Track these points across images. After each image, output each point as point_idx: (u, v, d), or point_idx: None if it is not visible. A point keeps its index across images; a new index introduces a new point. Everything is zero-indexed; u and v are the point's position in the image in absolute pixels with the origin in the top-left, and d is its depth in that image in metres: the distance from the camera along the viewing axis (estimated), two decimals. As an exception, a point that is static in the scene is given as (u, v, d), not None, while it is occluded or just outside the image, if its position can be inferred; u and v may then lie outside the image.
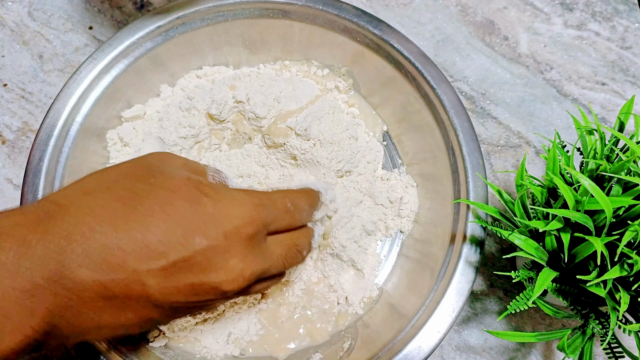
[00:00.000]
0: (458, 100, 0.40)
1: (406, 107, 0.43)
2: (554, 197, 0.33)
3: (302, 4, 0.43)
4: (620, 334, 0.34)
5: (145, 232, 0.24)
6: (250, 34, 0.45)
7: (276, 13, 0.44)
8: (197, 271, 0.25)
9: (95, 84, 0.40)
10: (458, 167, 0.38)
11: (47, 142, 0.38)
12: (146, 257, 0.24)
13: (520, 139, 0.48)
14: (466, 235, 0.36)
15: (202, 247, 0.25)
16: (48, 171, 0.37)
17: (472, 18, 0.53)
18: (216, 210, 0.27)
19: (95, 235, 0.24)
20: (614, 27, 0.52)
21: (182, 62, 0.45)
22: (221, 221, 0.27)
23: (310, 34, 0.45)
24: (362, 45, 0.43)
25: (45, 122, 0.38)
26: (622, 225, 0.29)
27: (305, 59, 0.47)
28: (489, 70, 0.50)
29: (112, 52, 0.41)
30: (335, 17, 0.43)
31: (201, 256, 0.25)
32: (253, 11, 0.44)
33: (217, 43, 0.45)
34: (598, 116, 0.49)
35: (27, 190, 0.36)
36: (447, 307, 0.34)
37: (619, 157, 0.32)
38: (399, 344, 0.34)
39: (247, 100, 0.42)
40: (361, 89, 0.47)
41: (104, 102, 0.41)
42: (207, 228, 0.26)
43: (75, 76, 0.40)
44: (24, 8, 0.52)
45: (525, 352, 0.40)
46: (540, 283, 0.29)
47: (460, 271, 0.35)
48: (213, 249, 0.26)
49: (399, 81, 0.43)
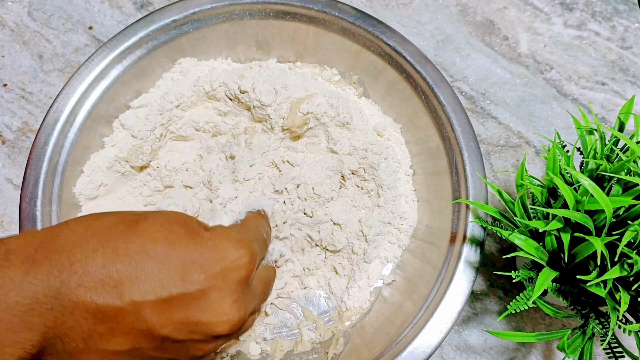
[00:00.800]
0: (457, 100, 0.40)
1: (409, 109, 0.43)
2: (554, 197, 0.33)
3: (318, 9, 0.43)
4: (620, 334, 0.34)
5: (145, 259, 0.25)
6: (264, 34, 0.46)
7: (292, 16, 0.44)
8: (194, 308, 0.25)
9: (106, 73, 0.41)
10: (458, 167, 0.38)
11: (47, 142, 0.38)
12: (144, 286, 0.24)
13: (520, 139, 0.48)
14: (466, 235, 0.36)
15: (200, 282, 0.25)
16: (48, 171, 0.37)
17: (472, 18, 0.53)
18: (215, 246, 0.27)
19: (97, 255, 0.24)
20: (614, 27, 0.52)
21: (196, 57, 0.46)
22: (219, 258, 0.26)
23: (323, 39, 0.45)
24: (375, 55, 0.43)
25: (46, 120, 0.38)
26: (622, 225, 0.29)
27: (318, 63, 0.47)
28: (489, 70, 0.50)
29: (122, 45, 0.41)
30: (351, 25, 0.43)
31: (199, 292, 0.25)
32: (268, 12, 0.44)
33: (232, 41, 0.46)
34: (598, 116, 0.49)
35: (26, 189, 0.36)
36: (448, 307, 0.34)
37: (619, 157, 0.32)
38: (401, 344, 0.34)
39: (252, 89, 0.41)
40: (370, 96, 0.47)
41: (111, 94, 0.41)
42: (207, 264, 0.26)
43: (88, 63, 0.40)
44: (24, 8, 0.52)
45: (525, 352, 0.40)
46: (540, 283, 0.29)
47: (460, 271, 0.35)
48: (211, 288, 0.26)
49: (401, 84, 0.43)
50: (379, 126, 0.44)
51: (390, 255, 0.41)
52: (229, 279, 0.26)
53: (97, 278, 0.24)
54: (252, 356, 0.38)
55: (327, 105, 0.41)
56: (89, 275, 0.24)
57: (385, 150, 0.42)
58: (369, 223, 0.40)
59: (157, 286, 0.24)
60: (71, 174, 0.39)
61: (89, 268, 0.24)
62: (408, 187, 0.43)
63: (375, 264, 0.41)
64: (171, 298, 0.25)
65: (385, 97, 0.45)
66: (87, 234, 0.25)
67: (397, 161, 0.43)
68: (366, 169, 0.41)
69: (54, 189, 0.37)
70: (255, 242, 0.29)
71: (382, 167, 0.41)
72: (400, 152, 0.44)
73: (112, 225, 0.26)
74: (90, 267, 0.24)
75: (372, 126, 0.44)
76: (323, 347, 0.38)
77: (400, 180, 0.43)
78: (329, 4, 0.43)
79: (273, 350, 0.38)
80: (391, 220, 0.41)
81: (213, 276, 0.26)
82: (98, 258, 0.24)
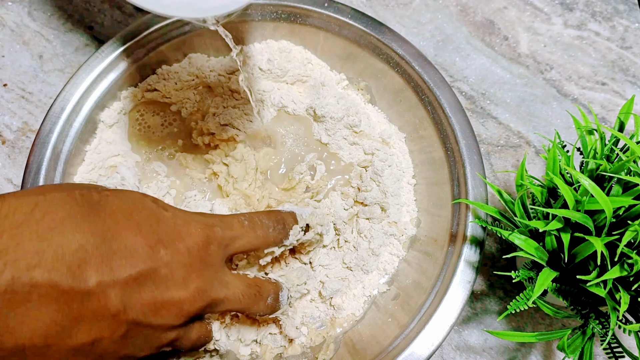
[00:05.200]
0: (457, 101, 0.40)
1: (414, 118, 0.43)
2: (554, 197, 0.33)
3: (328, 13, 0.43)
4: (620, 334, 0.34)
5: (110, 238, 0.23)
6: (274, 36, 0.46)
7: (303, 19, 0.44)
8: (161, 285, 0.24)
9: (106, 74, 0.41)
10: (458, 167, 0.38)
11: (46, 141, 0.38)
12: (111, 265, 0.22)
13: (520, 139, 0.48)
14: (466, 235, 0.36)
15: (166, 259, 0.25)
16: (48, 170, 0.37)
17: (472, 18, 0.53)
18: (176, 226, 0.26)
19: (53, 234, 0.21)
20: (614, 27, 0.52)
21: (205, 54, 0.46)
22: (182, 237, 0.26)
23: (333, 44, 0.45)
24: (380, 60, 0.44)
25: (46, 119, 0.38)
26: (622, 225, 0.29)
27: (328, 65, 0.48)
28: (489, 70, 0.50)
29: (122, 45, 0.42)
30: (362, 32, 0.43)
31: (166, 269, 0.24)
32: (280, 14, 0.44)
33: (241, 42, 0.46)
34: (598, 116, 0.49)
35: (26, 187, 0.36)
36: (448, 307, 0.34)
37: (619, 157, 0.32)
38: (402, 345, 0.34)
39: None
40: (377, 104, 0.47)
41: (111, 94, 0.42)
42: (171, 241, 0.25)
43: (98, 53, 0.41)
44: (24, 8, 0.52)
45: (525, 352, 0.40)
46: (540, 283, 0.29)
47: (460, 271, 0.35)
48: (177, 263, 0.25)
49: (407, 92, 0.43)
50: (384, 133, 0.44)
51: (390, 266, 0.41)
52: (193, 255, 0.26)
53: (55, 258, 0.21)
54: (242, 356, 0.38)
55: (336, 105, 0.41)
56: (44, 255, 0.20)
57: (389, 158, 0.42)
58: (372, 234, 0.40)
59: (124, 264, 0.23)
60: (71, 174, 0.39)
61: (45, 247, 0.20)
62: (410, 197, 0.43)
63: (373, 275, 0.41)
64: (139, 276, 0.23)
65: (392, 105, 0.45)
66: (35, 212, 0.21)
67: (401, 169, 0.43)
68: (371, 175, 0.41)
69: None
70: (217, 225, 0.28)
71: (386, 174, 0.41)
72: (405, 161, 0.44)
73: (69, 202, 0.23)
74: (45, 246, 0.21)
75: (377, 133, 0.44)
76: (313, 352, 0.38)
77: (403, 189, 0.43)
78: (357, 18, 0.43)
79: (263, 352, 0.38)
80: (394, 232, 0.41)
81: (178, 252, 0.25)
82: (55, 237, 0.21)
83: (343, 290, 0.39)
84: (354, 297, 0.40)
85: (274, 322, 0.38)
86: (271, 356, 0.38)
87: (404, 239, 0.42)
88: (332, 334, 0.39)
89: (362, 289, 0.40)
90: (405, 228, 0.42)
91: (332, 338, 0.39)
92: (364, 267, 0.40)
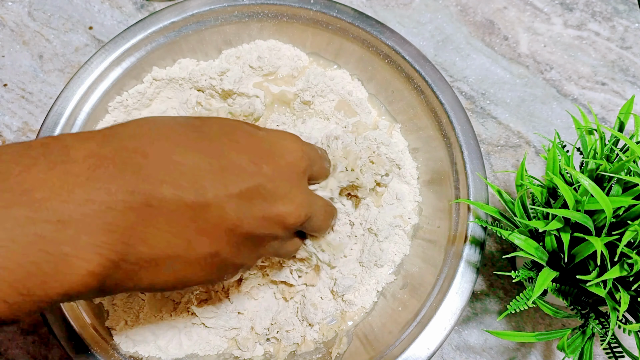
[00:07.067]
0: (457, 101, 0.40)
1: (409, 109, 0.43)
2: (554, 197, 0.33)
3: (316, 10, 0.43)
4: (620, 333, 0.34)
5: (219, 157, 0.24)
6: (262, 36, 0.46)
7: (290, 17, 0.44)
8: (269, 199, 0.25)
9: (105, 75, 0.41)
10: (458, 167, 0.38)
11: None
12: (224, 180, 0.24)
13: (520, 139, 0.48)
14: (467, 235, 0.36)
15: (270, 174, 0.26)
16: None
17: (472, 18, 0.53)
18: (272, 144, 0.27)
19: (173, 156, 0.22)
20: (614, 27, 0.52)
21: (195, 58, 0.46)
22: (280, 152, 0.27)
23: (321, 40, 0.45)
24: (374, 55, 0.43)
25: (47, 119, 0.38)
26: (622, 225, 0.29)
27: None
28: (489, 70, 0.50)
29: (124, 45, 0.42)
30: (350, 25, 0.43)
31: (271, 184, 0.26)
32: (266, 14, 0.44)
33: (231, 43, 0.46)
34: (598, 116, 0.49)
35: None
36: (449, 307, 0.34)
37: (619, 157, 0.32)
38: (402, 345, 0.34)
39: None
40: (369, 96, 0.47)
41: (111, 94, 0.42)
42: (271, 158, 0.26)
43: (87, 65, 0.41)
44: (24, 8, 0.52)
45: (525, 352, 0.40)
46: (540, 283, 0.29)
47: (461, 272, 0.35)
48: (280, 178, 0.26)
49: (399, 84, 0.43)
50: (380, 124, 0.44)
51: (397, 257, 0.41)
52: (292, 170, 0.27)
53: (177, 174, 0.22)
54: (256, 357, 0.38)
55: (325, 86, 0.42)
56: (169, 171, 0.22)
57: (392, 143, 0.42)
58: (377, 227, 0.40)
59: (235, 180, 0.24)
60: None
61: (167, 164, 0.22)
62: (411, 187, 0.43)
63: (384, 268, 0.41)
64: (248, 191, 0.24)
65: (386, 96, 0.45)
66: (152, 133, 0.23)
67: (401, 159, 0.43)
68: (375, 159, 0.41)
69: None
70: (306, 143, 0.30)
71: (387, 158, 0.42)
72: (404, 152, 0.44)
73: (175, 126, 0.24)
74: (168, 163, 0.22)
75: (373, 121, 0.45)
76: (326, 347, 0.38)
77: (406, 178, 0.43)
78: (327, 5, 0.43)
79: (276, 351, 0.38)
80: (399, 223, 0.41)
81: (279, 166, 0.26)
82: (175, 156, 0.22)
83: (355, 286, 0.40)
84: (367, 292, 0.40)
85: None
86: (285, 354, 0.38)
87: (408, 228, 0.42)
88: (343, 328, 0.39)
89: (374, 284, 0.41)
90: (409, 217, 0.42)
91: (344, 332, 0.39)
92: (377, 262, 0.40)
